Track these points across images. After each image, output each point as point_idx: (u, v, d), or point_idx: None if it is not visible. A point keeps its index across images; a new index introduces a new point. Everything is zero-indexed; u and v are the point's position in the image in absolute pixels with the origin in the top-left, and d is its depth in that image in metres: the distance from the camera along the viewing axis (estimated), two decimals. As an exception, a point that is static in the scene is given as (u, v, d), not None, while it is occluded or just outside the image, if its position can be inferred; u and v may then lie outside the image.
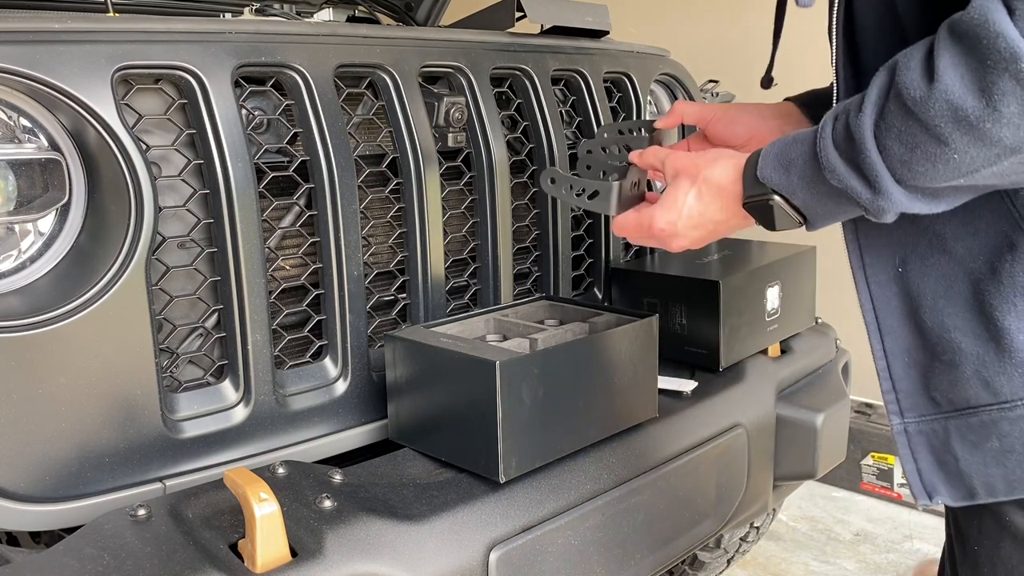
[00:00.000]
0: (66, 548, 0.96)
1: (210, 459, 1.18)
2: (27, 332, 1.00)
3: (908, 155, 0.77)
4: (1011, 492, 0.88)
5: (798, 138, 0.89)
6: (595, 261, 1.77)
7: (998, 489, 0.88)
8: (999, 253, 0.84)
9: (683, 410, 1.48)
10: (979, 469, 0.89)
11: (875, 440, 2.98)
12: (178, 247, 1.17)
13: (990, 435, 0.88)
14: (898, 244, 0.92)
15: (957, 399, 0.90)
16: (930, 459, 0.93)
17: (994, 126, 0.71)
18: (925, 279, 0.90)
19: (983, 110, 0.71)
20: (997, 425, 0.87)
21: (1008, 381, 0.85)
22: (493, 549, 1.12)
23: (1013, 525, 0.91)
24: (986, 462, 0.88)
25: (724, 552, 2.20)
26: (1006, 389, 0.86)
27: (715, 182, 0.97)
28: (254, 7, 1.81)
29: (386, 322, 1.43)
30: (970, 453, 0.89)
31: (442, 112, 1.42)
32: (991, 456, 0.88)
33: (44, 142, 1.06)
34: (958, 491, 0.92)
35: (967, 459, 0.90)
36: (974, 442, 0.89)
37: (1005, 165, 0.74)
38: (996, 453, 0.87)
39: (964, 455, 0.90)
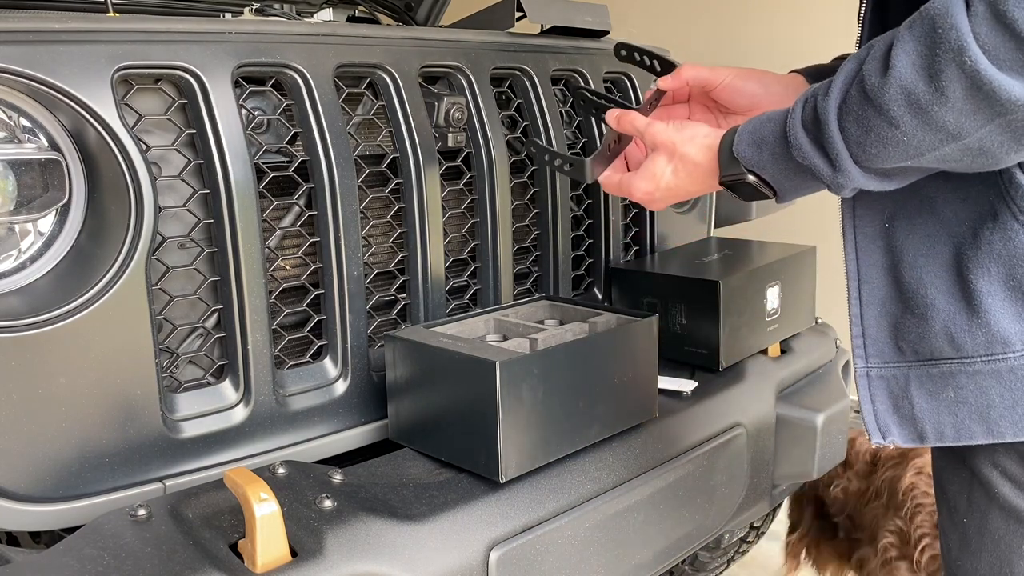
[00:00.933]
0: (66, 548, 0.96)
1: (210, 459, 1.18)
2: (27, 332, 1.00)
3: (864, 137, 0.84)
4: (959, 438, 0.94)
5: (771, 118, 0.95)
6: (595, 261, 1.77)
7: (946, 435, 0.95)
8: (983, 220, 0.89)
9: (683, 410, 1.48)
10: (932, 416, 0.96)
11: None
12: (178, 247, 1.17)
13: (947, 386, 0.94)
14: (889, 201, 0.97)
15: (922, 350, 0.96)
16: (887, 403, 1.00)
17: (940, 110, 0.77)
18: (909, 236, 0.96)
19: (931, 94, 0.77)
20: (955, 377, 0.93)
21: (971, 339, 0.91)
22: (493, 549, 1.12)
23: (1001, 496, 0.95)
24: (939, 410, 0.95)
25: (724, 552, 2.20)
26: (968, 346, 0.92)
27: (691, 159, 1.05)
28: (254, 7, 1.81)
29: (386, 322, 1.43)
30: (926, 400, 0.96)
31: (442, 112, 1.42)
32: (945, 405, 0.94)
33: (44, 142, 1.06)
34: (909, 434, 0.98)
35: (922, 406, 0.96)
36: (931, 391, 0.95)
37: (947, 151, 0.80)
38: (950, 403, 0.94)
39: (920, 402, 0.96)
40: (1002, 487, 0.95)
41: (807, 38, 3.30)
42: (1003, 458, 0.95)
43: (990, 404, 0.92)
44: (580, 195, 1.74)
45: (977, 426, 0.93)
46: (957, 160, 0.82)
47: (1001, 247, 0.88)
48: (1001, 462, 0.95)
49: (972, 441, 0.94)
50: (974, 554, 1.01)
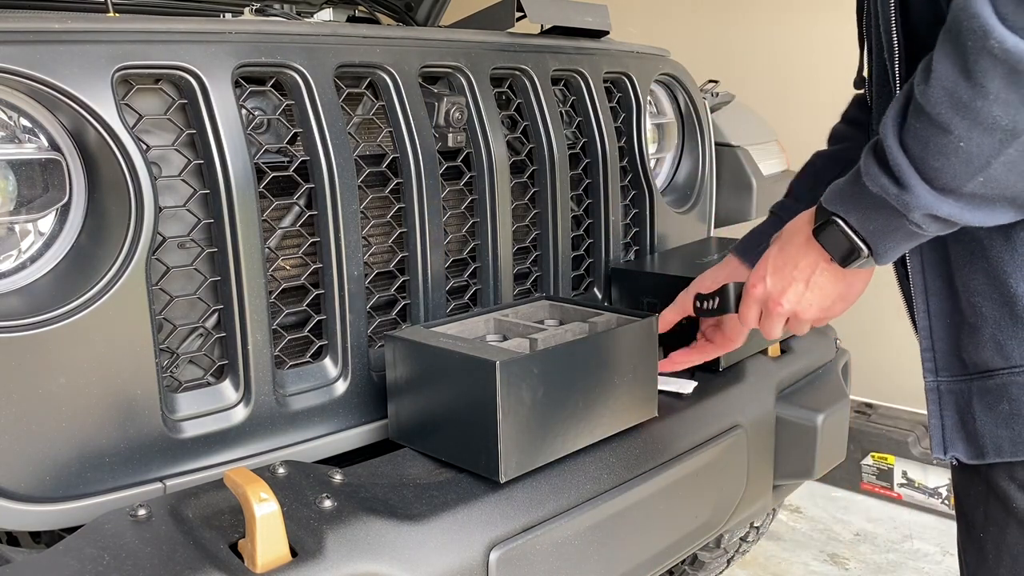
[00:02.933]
0: (66, 548, 0.96)
1: (210, 459, 1.18)
2: (27, 332, 1.00)
3: (923, 151, 0.81)
4: (1016, 453, 0.90)
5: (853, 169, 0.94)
6: (595, 261, 1.77)
7: (1004, 450, 0.91)
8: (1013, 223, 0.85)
9: (683, 410, 1.47)
10: (991, 430, 0.92)
11: (875, 440, 2.98)
12: (178, 247, 1.17)
13: (1002, 398, 0.91)
14: None
15: (979, 361, 0.93)
16: (955, 417, 0.96)
17: (984, 104, 0.74)
18: (956, 244, 0.93)
19: (972, 90, 0.75)
20: (1007, 389, 0.90)
21: (1019, 346, 0.88)
22: (493, 549, 1.12)
23: (1019, 510, 0.92)
24: (997, 423, 0.91)
25: (724, 552, 2.20)
26: (1016, 354, 0.89)
27: (789, 229, 1.06)
28: (254, 7, 1.81)
29: (386, 322, 1.43)
30: (985, 414, 0.92)
31: (442, 112, 1.42)
32: (1002, 418, 0.91)
33: (44, 142, 1.06)
34: (972, 449, 0.95)
35: (983, 419, 0.93)
36: (989, 404, 0.92)
37: (1013, 154, 0.76)
38: (1006, 416, 0.90)
39: (981, 416, 0.93)
40: (1019, 500, 0.92)
41: (807, 38, 3.30)
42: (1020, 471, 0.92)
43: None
44: (580, 195, 1.74)
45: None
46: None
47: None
48: (1018, 475, 0.92)
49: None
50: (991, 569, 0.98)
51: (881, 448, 2.98)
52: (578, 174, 1.71)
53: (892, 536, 2.80)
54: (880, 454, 2.99)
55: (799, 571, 2.62)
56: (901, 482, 2.95)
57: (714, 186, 2.06)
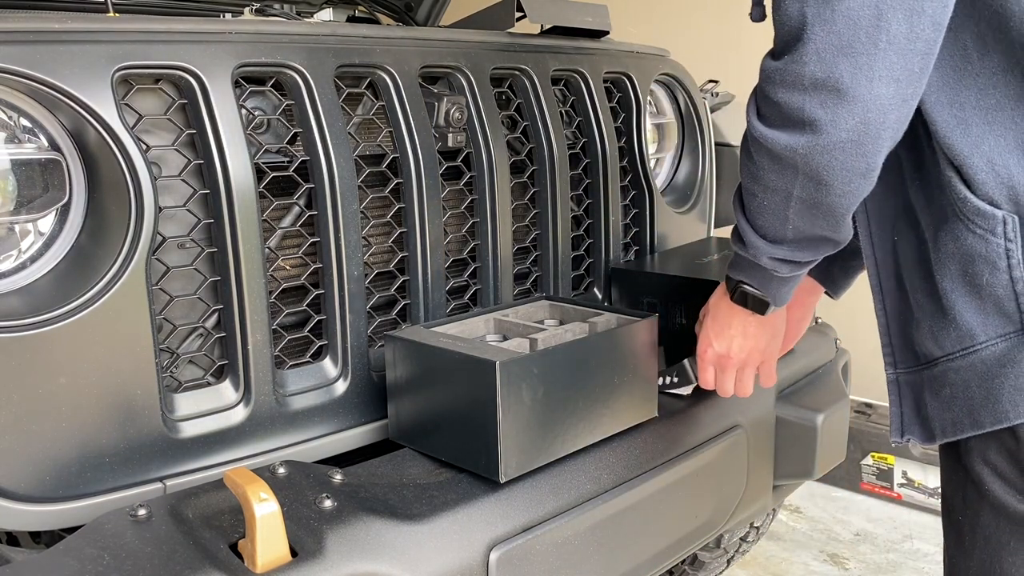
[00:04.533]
0: (66, 548, 0.96)
1: (210, 459, 1.18)
2: (27, 332, 1.00)
3: (750, 213, 1.07)
4: (954, 432, 0.98)
5: None
6: (595, 261, 1.77)
7: (947, 431, 0.99)
8: (939, 225, 0.96)
9: (683, 410, 1.47)
10: (938, 413, 1.01)
11: (875, 440, 2.98)
12: (178, 247, 1.17)
13: (944, 384, 0.99)
14: (896, 216, 1.05)
15: (925, 353, 1.02)
16: (912, 405, 1.06)
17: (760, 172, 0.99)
18: (907, 247, 1.03)
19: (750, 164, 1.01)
20: (946, 376, 0.98)
21: (948, 336, 0.97)
22: (493, 549, 1.12)
23: (991, 494, 0.98)
24: (942, 407, 1.00)
25: (724, 552, 2.19)
26: (947, 343, 0.97)
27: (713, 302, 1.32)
28: (254, 7, 1.81)
29: (386, 322, 1.43)
30: (934, 400, 1.01)
31: (442, 112, 1.42)
32: (944, 402, 1.00)
33: (44, 142, 1.06)
34: (925, 433, 1.04)
35: (932, 405, 1.02)
36: (935, 390, 1.01)
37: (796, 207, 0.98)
38: (947, 399, 0.99)
39: (931, 402, 1.02)
40: (992, 484, 0.97)
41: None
42: (994, 455, 0.97)
43: (972, 396, 0.96)
44: (580, 195, 1.74)
45: (966, 419, 0.97)
46: (812, 217, 0.98)
47: (953, 246, 0.94)
48: (992, 459, 0.97)
49: (963, 434, 0.97)
50: (967, 552, 1.03)
51: (881, 448, 2.98)
52: (578, 174, 1.71)
53: (892, 536, 2.80)
54: (880, 454, 2.99)
55: (799, 571, 2.62)
56: (901, 482, 2.96)
57: (714, 186, 2.06)
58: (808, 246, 1.04)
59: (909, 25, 0.82)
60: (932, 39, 0.84)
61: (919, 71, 0.85)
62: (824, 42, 0.84)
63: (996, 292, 0.91)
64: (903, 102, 0.86)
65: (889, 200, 1.05)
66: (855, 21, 0.82)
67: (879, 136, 0.87)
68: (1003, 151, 0.89)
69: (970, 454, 0.99)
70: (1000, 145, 0.89)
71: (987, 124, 0.90)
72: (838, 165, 0.90)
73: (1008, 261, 0.90)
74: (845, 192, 0.93)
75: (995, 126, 0.90)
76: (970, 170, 0.90)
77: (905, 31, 0.83)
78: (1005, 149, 0.89)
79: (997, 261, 0.90)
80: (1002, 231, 0.90)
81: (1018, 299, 0.90)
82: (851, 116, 0.86)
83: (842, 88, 0.85)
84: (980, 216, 0.91)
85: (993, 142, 0.89)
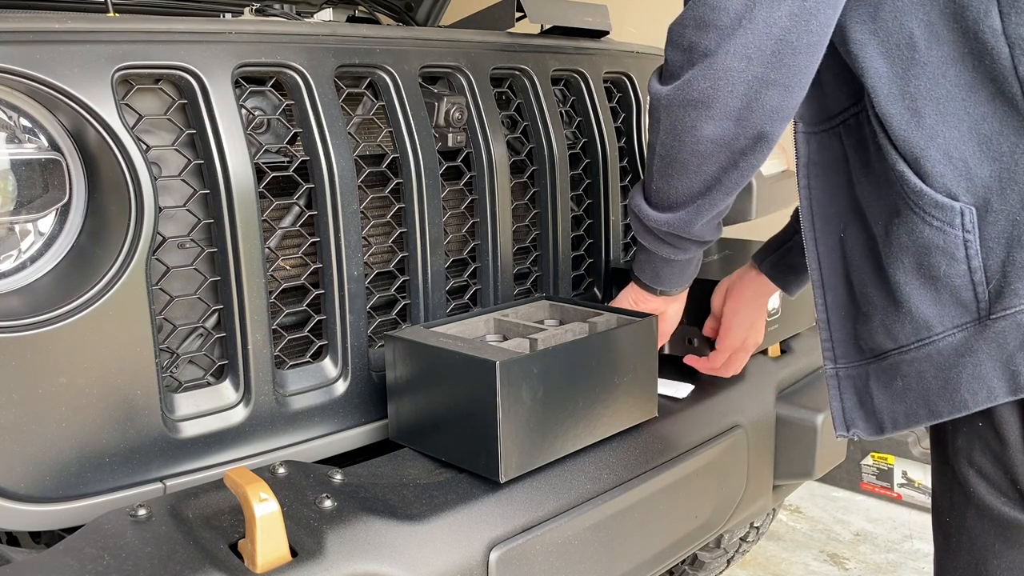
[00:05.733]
0: (66, 548, 0.96)
1: (210, 459, 1.18)
2: (27, 332, 1.00)
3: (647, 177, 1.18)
4: (908, 423, 0.99)
5: None
6: (595, 261, 1.77)
7: (899, 422, 1.01)
8: (891, 218, 0.96)
9: (683, 410, 1.48)
10: (888, 406, 1.01)
11: (875, 440, 2.98)
12: (178, 247, 1.17)
13: (895, 376, 1.00)
14: (842, 213, 1.06)
15: (874, 346, 1.02)
16: (854, 399, 1.06)
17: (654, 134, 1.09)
18: (855, 242, 1.04)
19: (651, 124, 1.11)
20: (898, 367, 0.99)
21: (902, 328, 0.97)
22: (493, 549, 1.12)
23: (976, 496, 0.98)
24: (892, 399, 1.01)
25: (724, 552, 2.20)
26: (901, 335, 0.97)
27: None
28: (254, 7, 1.81)
29: (386, 322, 1.43)
30: (882, 392, 1.02)
31: (442, 112, 1.42)
32: (896, 394, 1.00)
33: (44, 142, 1.06)
34: (871, 426, 1.05)
35: (880, 398, 1.02)
36: (884, 383, 1.01)
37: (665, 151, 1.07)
38: (899, 391, 0.99)
39: (878, 395, 1.03)
40: (977, 486, 0.98)
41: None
42: (979, 457, 0.97)
43: (927, 386, 0.96)
44: (580, 195, 1.74)
45: (922, 409, 0.98)
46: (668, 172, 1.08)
47: (907, 239, 0.94)
48: (977, 461, 0.97)
49: (918, 424, 0.99)
50: (954, 553, 1.03)
51: (881, 448, 2.98)
52: (578, 174, 1.71)
53: (892, 536, 2.80)
54: (880, 454, 2.99)
55: (799, 571, 2.62)
56: (901, 482, 2.96)
57: (714, 186, 2.06)
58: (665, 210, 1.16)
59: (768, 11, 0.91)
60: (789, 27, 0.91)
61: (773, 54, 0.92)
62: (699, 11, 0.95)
63: (953, 283, 0.91)
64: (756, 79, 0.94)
65: (835, 198, 1.06)
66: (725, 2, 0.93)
67: (727, 103, 0.96)
68: (958, 142, 0.89)
69: (957, 456, 1.00)
70: (955, 136, 0.89)
71: (940, 115, 0.90)
72: (689, 121, 1.00)
73: (966, 251, 0.90)
74: (694, 153, 1.02)
75: (948, 117, 0.90)
76: (927, 163, 0.90)
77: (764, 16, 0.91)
78: (960, 140, 0.89)
79: (955, 252, 0.90)
80: (960, 223, 0.90)
81: (975, 289, 0.90)
82: (703, 79, 0.96)
83: (707, 52, 0.95)
84: (937, 208, 0.91)
85: (947, 133, 0.90)
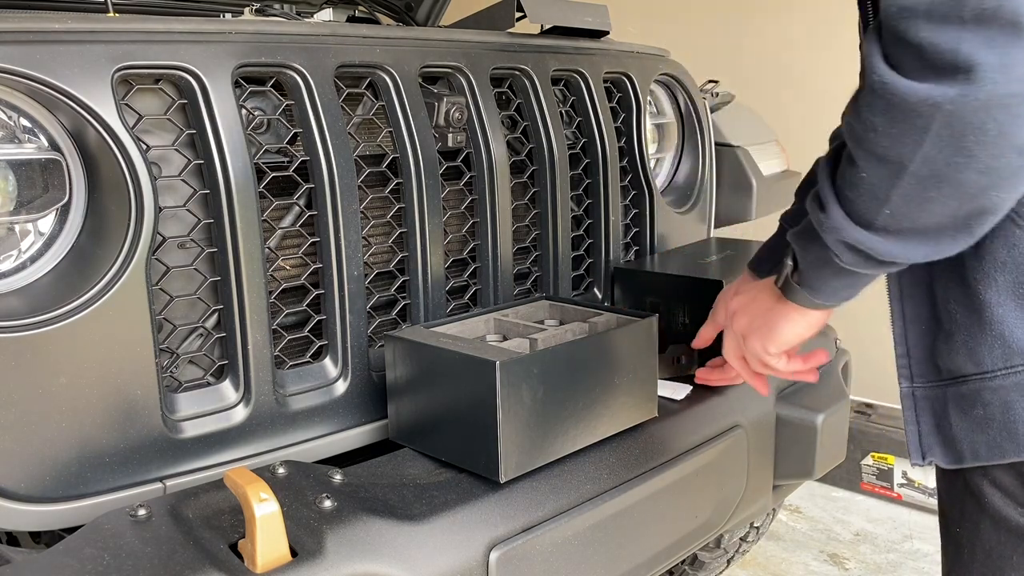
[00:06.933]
0: (66, 548, 0.96)
1: (210, 459, 1.18)
2: (27, 332, 1.00)
3: (842, 180, 0.87)
4: (991, 457, 0.91)
5: None
6: (595, 261, 1.77)
7: (981, 454, 0.92)
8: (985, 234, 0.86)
9: (683, 410, 1.47)
10: (967, 435, 0.93)
11: (875, 440, 2.98)
12: (178, 247, 1.17)
13: (975, 403, 0.91)
14: None
15: (953, 368, 0.93)
16: (931, 423, 0.97)
17: (873, 136, 0.79)
18: None
19: (862, 124, 0.80)
20: (980, 394, 0.91)
21: (988, 352, 0.89)
22: (493, 549, 1.12)
23: (991, 506, 0.94)
24: (972, 428, 0.92)
25: (724, 552, 2.20)
26: (987, 360, 0.89)
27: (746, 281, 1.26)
28: (254, 7, 1.81)
29: (386, 322, 1.43)
30: (961, 419, 0.93)
31: (442, 112, 1.42)
32: (976, 423, 0.92)
33: (44, 142, 1.06)
34: (950, 454, 0.95)
35: (959, 425, 0.94)
36: (964, 409, 0.93)
37: (906, 187, 0.79)
38: (980, 420, 0.91)
39: (956, 421, 0.94)
40: (992, 497, 0.94)
41: (807, 37, 3.30)
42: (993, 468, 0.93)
43: (1016, 419, 0.88)
44: (580, 195, 1.74)
45: (1008, 443, 0.89)
46: (928, 200, 0.79)
47: (1005, 255, 0.85)
48: (991, 471, 0.94)
49: (1004, 459, 0.90)
50: (966, 566, 0.99)
51: (881, 448, 2.98)
52: (578, 174, 1.71)
53: (892, 536, 2.80)
54: (880, 454, 2.99)
55: (799, 571, 2.62)
56: (901, 482, 2.95)
57: (714, 186, 2.06)
58: (899, 239, 0.85)
59: None
60: None
61: None
62: None
63: None
64: None
65: None
66: None
67: None
68: None
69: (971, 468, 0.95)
70: None
71: None
72: (994, 128, 0.71)
73: None
74: (989, 168, 0.74)
75: None
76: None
77: None
78: None
79: None
80: None
81: None
82: None
83: (1021, 20, 0.66)
84: None
85: None
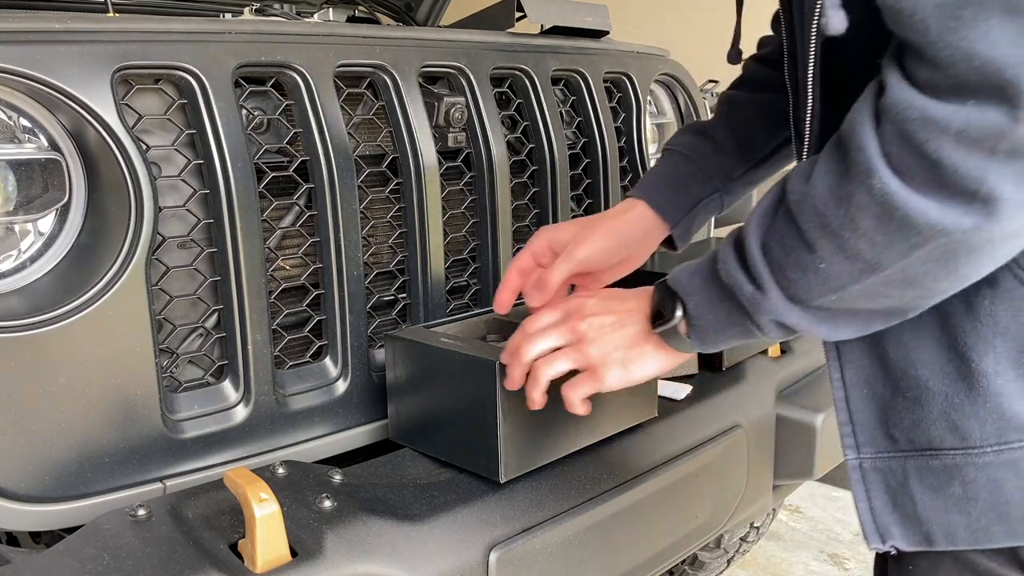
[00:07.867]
0: (66, 548, 0.96)
1: (210, 459, 1.18)
2: (27, 332, 1.00)
3: (784, 259, 0.78)
4: (974, 541, 0.82)
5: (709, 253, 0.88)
6: (595, 261, 1.77)
7: (959, 537, 0.82)
8: (977, 288, 0.77)
9: (683, 410, 1.47)
10: (939, 515, 0.83)
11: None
12: (178, 247, 1.17)
13: (953, 480, 0.82)
14: None
15: (918, 439, 0.84)
16: (885, 499, 0.87)
17: (853, 237, 0.71)
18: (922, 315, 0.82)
19: (843, 220, 0.71)
20: (961, 470, 0.81)
21: (980, 426, 0.79)
22: (493, 549, 1.12)
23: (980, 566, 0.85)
24: (947, 508, 0.82)
25: (724, 552, 2.20)
26: (976, 434, 0.80)
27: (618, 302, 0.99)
28: (254, 7, 1.81)
29: (386, 322, 1.43)
30: (930, 497, 0.83)
31: (442, 112, 1.42)
32: (952, 502, 0.82)
33: (44, 142, 1.06)
34: (914, 535, 0.85)
35: (926, 503, 0.83)
36: (935, 486, 0.83)
37: (870, 284, 0.73)
38: (958, 499, 0.82)
39: (923, 499, 0.84)
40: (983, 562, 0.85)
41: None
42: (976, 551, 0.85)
43: (1008, 500, 0.79)
44: (580, 195, 1.74)
45: (996, 526, 0.80)
46: (885, 295, 0.75)
47: (1009, 319, 0.77)
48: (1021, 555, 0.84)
49: (992, 544, 0.82)
50: None
51: (881, 448, 2.98)
52: (578, 174, 1.71)
53: (892, 536, 2.80)
54: (880, 454, 2.98)
55: (799, 571, 2.62)
56: (901, 482, 2.95)
57: (714, 186, 2.06)
58: (833, 321, 0.80)
59: None
60: None
61: None
62: None
63: None
64: None
65: None
66: None
67: None
68: None
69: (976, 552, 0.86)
70: None
71: None
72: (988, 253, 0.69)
73: None
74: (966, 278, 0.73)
75: None
76: None
77: None
78: None
79: None
80: None
81: None
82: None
83: None
84: None
85: None
